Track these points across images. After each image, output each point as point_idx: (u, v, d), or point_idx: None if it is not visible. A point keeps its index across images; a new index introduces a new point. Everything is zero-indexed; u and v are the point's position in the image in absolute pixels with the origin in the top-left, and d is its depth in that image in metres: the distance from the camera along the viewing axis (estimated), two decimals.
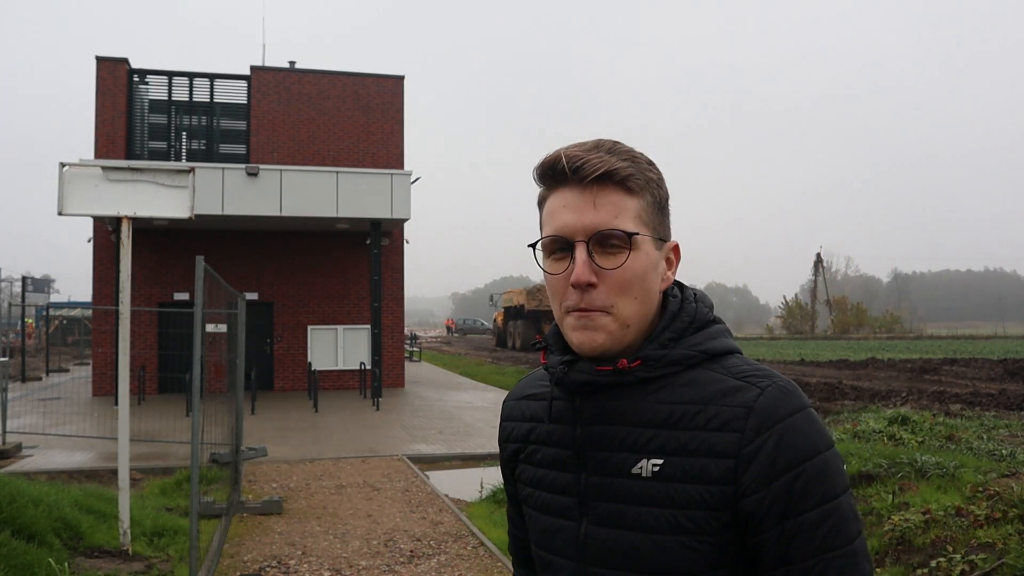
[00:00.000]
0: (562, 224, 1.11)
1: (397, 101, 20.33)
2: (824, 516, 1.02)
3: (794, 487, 1.02)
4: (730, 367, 1.11)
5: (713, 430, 1.06)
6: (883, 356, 30.09)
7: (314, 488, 8.47)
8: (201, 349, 5.55)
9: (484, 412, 15.06)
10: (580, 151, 1.11)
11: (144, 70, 19.25)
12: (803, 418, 1.05)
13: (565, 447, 1.17)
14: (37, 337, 37.29)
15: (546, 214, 1.15)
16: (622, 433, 1.11)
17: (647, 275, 1.11)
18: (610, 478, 1.11)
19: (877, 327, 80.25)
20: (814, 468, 1.03)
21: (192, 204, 5.98)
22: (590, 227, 1.09)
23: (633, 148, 1.14)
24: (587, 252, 1.09)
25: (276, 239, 19.37)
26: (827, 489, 1.03)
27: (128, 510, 5.67)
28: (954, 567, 4.81)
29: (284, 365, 19.59)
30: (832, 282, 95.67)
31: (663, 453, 1.07)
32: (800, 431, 1.04)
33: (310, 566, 5.79)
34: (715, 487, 1.04)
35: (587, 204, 1.09)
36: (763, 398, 1.06)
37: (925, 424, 9.63)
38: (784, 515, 1.02)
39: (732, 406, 1.06)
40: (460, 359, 33.18)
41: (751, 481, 1.03)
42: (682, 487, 1.05)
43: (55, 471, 9.08)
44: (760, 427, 1.04)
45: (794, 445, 1.03)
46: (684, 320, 1.14)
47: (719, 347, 1.14)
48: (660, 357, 1.11)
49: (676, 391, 1.10)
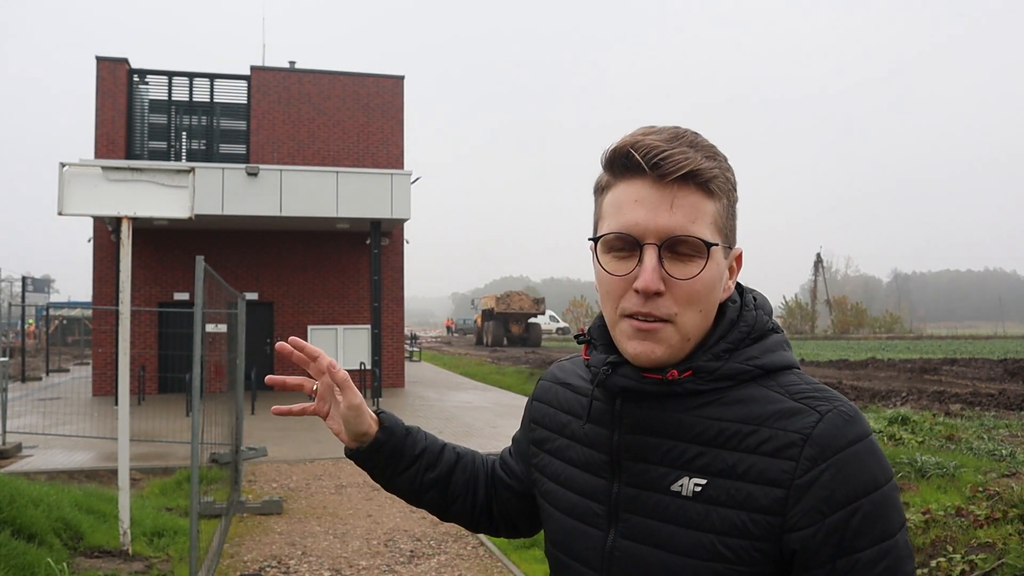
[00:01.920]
0: (632, 222, 1.00)
1: (397, 101, 20.33)
2: (880, 556, 0.94)
3: (850, 524, 0.94)
4: (788, 385, 1.03)
5: (764, 455, 0.98)
6: (883, 356, 30.09)
7: (314, 488, 8.47)
8: (201, 349, 5.55)
9: (484, 412, 15.06)
10: (660, 141, 0.99)
11: (144, 70, 19.25)
12: (864, 448, 0.97)
13: (600, 451, 1.11)
14: (37, 337, 37.29)
15: (610, 205, 1.04)
16: (665, 446, 1.04)
17: (715, 287, 1.03)
18: (647, 492, 1.05)
19: (877, 327, 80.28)
20: (872, 504, 0.95)
21: (192, 204, 5.98)
22: (664, 230, 0.99)
23: (711, 143, 1.04)
24: (658, 257, 0.99)
25: (276, 239, 19.37)
26: (885, 527, 0.95)
27: (128, 510, 5.67)
28: (954, 567, 4.81)
29: (284, 365, 19.57)
30: (832, 282, 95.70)
31: (707, 473, 1.00)
32: (860, 463, 0.96)
33: (310, 566, 5.79)
34: (760, 516, 0.97)
35: (663, 203, 0.99)
36: (822, 425, 0.97)
37: (925, 424, 9.63)
38: (837, 553, 0.94)
39: (788, 431, 0.98)
40: (460, 359, 33.17)
41: (803, 515, 0.95)
42: (724, 511, 0.98)
43: (55, 471, 9.08)
44: (817, 457, 0.96)
45: (853, 478, 0.95)
46: (742, 330, 1.06)
47: (777, 362, 1.05)
48: (713, 370, 1.03)
49: (727, 407, 1.02)
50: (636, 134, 1.03)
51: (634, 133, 1.03)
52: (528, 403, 1.32)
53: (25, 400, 16.74)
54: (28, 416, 13.71)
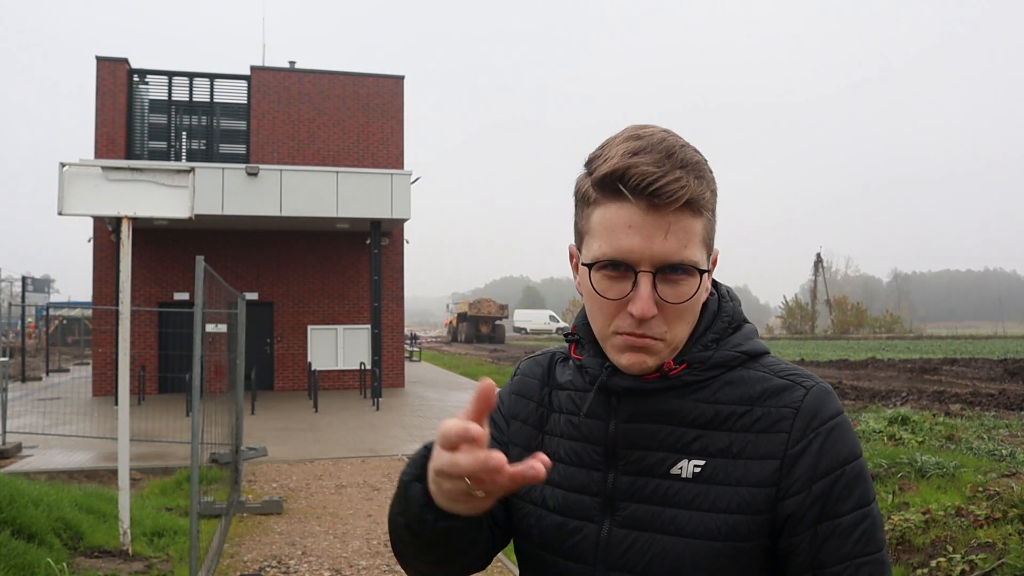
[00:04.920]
0: (627, 248, 1.00)
1: (397, 101, 20.34)
2: (859, 520, 1.00)
3: (833, 489, 1.00)
4: (770, 365, 1.10)
5: (759, 431, 1.03)
6: (883, 356, 30.10)
7: (314, 488, 8.47)
8: (201, 349, 5.55)
9: None
10: (653, 167, 0.98)
11: (144, 70, 19.25)
12: (844, 421, 1.05)
13: (594, 442, 1.10)
14: (37, 337, 37.28)
15: (601, 227, 1.02)
16: (663, 432, 1.06)
17: (702, 300, 1.07)
18: (644, 478, 1.06)
19: (877, 327, 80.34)
20: (853, 471, 1.02)
21: (192, 204, 5.98)
22: (659, 257, 0.99)
23: (696, 151, 1.03)
24: (652, 284, 1.00)
25: (276, 239, 19.37)
26: (863, 493, 1.02)
27: (128, 510, 5.67)
28: (954, 567, 4.81)
29: (284, 365, 19.59)
30: (832, 282, 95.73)
31: (705, 454, 1.04)
32: (843, 434, 1.03)
33: (310, 566, 5.79)
34: (757, 489, 1.01)
35: (658, 231, 0.99)
36: (809, 398, 1.04)
37: (925, 424, 9.64)
38: (820, 517, 1.00)
39: (779, 406, 1.04)
40: (460, 359, 33.19)
41: (794, 482, 1.01)
42: (723, 489, 1.02)
43: (55, 471, 9.08)
44: (806, 428, 1.02)
45: (836, 447, 1.02)
46: (724, 320, 1.11)
47: (757, 348, 1.11)
48: (705, 359, 1.07)
49: (721, 390, 1.07)
50: (626, 154, 0.99)
51: (623, 150, 1.00)
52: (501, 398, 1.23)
53: (25, 400, 16.75)
54: (28, 416, 13.73)
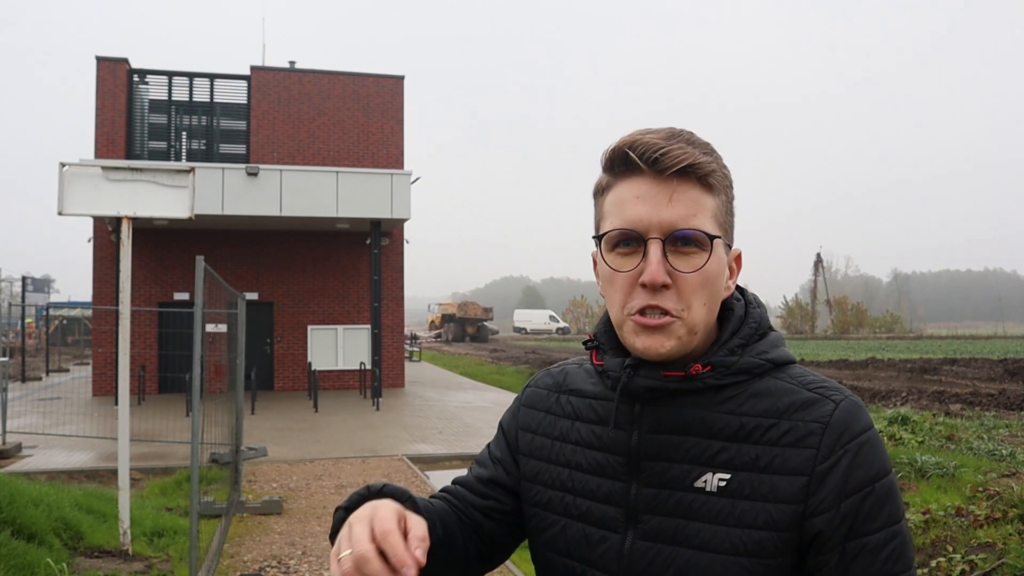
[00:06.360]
0: (636, 217, 1.02)
1: (397, 101, 20.34)
2: (889, 538, 0.98)
3: (863, 507, 0.98)
4: (798, 376, 1.06)
5: (787, 446, 1.00)
6: (883, 356, 30.10)
7: (314, 488, 8.47)
8: (201, 349, 5.55)
9: (484, 412, 15.06)
10: (658, 139, 1.02)
11: (144, 70, 19.25)
12: (874, 436, 1.02)
13: (617, 453, 1.09)
14: (37, 337, 37.29)
15: (612, 204, 1.05)
16: (687, 443, 1.04)
17: (718, 280, 1.05)
18: (668, 490, 1.04)
19: (877, 327, 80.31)
20: (883, 488, 0.99)
21: (192, 204, 5.98)
22: (667, 224, 1.01)
23: (706, 141, 1.06)
24: (662, 251, 1.01)
25: (276, 239, 19.37)
26: (893, 511, 0.99)
27: (128, 510, 5.67)
28: (954, 567, 4.81)
29: (284, 365, 19.59)
30: (832, 282, 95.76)
31: (731, 468, 1.01)
32: (872, 449, 1.00)
33: (310, 566, 5.79)
34: (784, 506, 0.99)
35: (663, 198, 1.01)
36: (838, 412, 1.01)
37: (925, 424, 9.63)
38: (849, 535, 0.98)
39: (807, 421, 1.01)
40: (460, 359, 33.19)
41: (822, 500, 0.98)
42: (749, 504, 1.00)
43: (55, 471, 9.08)
44: (835, 444, 0.99)
45: (866, 464, 0.99)
46: (751, 326, 1.09)
47: (783, 356, 1.08)
48: (730, 364, 1.05)
49: (747, 402, 1.04)
50: (633, 134, 1.04)
51: (631, 133, 1.05)
52: (511, 412, 1.26)
53: (25, 400, 16.75)
54: (28, 416, 13.73)
